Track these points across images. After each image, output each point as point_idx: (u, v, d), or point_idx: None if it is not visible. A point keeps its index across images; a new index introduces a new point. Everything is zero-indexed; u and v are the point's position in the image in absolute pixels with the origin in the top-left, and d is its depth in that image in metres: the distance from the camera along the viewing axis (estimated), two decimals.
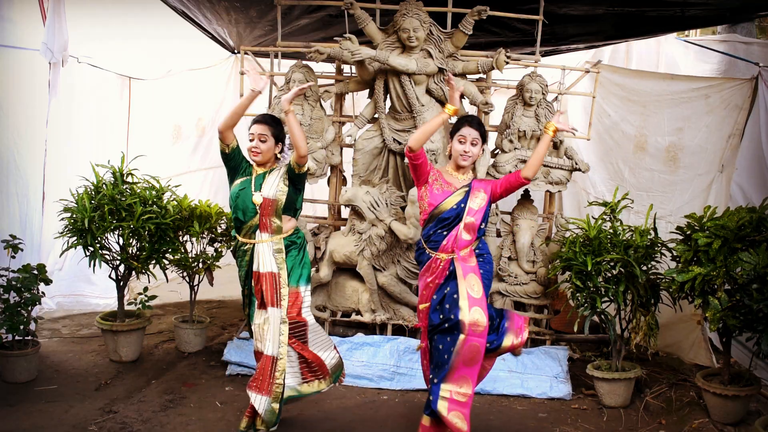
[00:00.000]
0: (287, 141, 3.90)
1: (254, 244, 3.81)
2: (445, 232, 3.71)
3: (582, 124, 5.36)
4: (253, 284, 3.83)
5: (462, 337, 3.57)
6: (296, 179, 3.82)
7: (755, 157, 5.16)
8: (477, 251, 3.76)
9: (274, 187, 3.79)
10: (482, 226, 3.75)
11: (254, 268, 3.81)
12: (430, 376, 3.75)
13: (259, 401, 3.77)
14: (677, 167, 5.53)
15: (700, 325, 4.96)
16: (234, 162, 3.86)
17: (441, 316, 3.65)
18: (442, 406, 3.61)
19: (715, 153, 5.34)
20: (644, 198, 5.47)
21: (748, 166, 5.18)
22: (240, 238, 3.87)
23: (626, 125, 5.77)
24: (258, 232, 3.81)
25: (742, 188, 5.16)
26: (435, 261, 3.72)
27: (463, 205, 3.70)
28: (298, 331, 3.83)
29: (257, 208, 3.76)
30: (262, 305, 3.80)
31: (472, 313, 3.57)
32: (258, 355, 3.86)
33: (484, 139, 3.81)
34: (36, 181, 4.86)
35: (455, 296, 3.62)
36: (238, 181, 3.85)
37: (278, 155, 3.88)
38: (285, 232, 3.83)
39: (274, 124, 3.85)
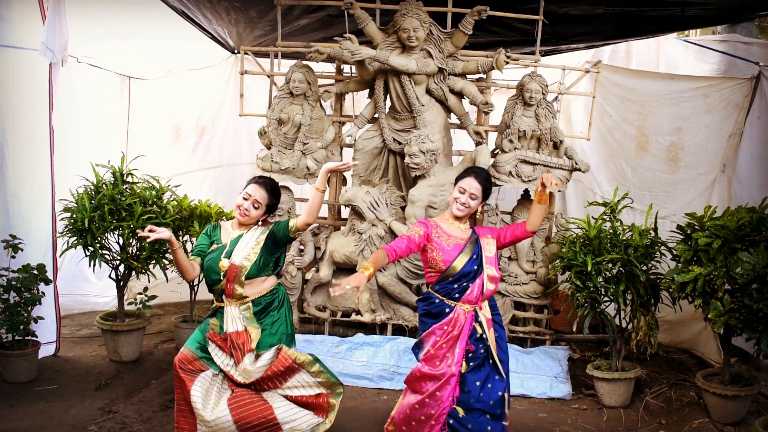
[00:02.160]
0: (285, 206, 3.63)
1: (223, 307, 3.57)
2: (467, 284, 3.47)
3: (583, 124, 5.37)
4: (218, 346, 3.55)
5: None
6: (282, 242, 3.56)
7: (756, 156, 5.16)
8: (492, 308, 3.59)
9: (244, 252, 3.51)
10: (500, 276, 3.62)
11: (224, 329, 3.54)
12: None
13: None
14: (678, 167, 5.54)
15: (709, 324, 4.98)
16: (208, 243, 3.62)
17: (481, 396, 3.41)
18: None
19: (716, 152, 5.35)
20: (647, 198, 5.48)
21: (748, 166, 5.18)
22: (215, 302, 3.65)
23: (627, 125, 5.79)
24: (224, 296, 3.56)
25: (743, 188, 5.16)
26: (456, 313, 3.47)
27: (480, 254, 3.51)
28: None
29: (221, 274, 3.50)
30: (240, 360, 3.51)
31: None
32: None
33: (486, 195, 3.59)
34: (36, 181, 4.84)
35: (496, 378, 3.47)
36: (213, 247, 3.60)
37: (259, 224, 3.63)
38: (256, 294, 3.54)
39: (274, 195, 3.60)
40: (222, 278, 3.51)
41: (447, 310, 3.48)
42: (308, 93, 4.97)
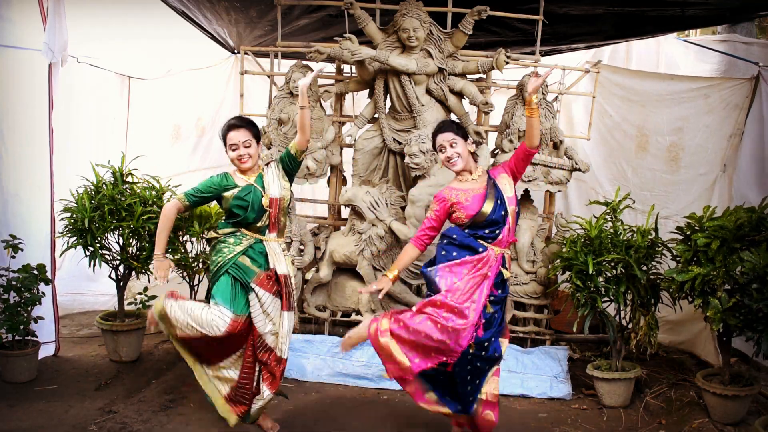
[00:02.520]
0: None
1: (266, 242, 3.74)
2: (497, 230, 3.55)
3: (584, 124, 5.37)
4: (266, 284, 3.69)
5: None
6: (293, 169, 3.79)
7: (756, 156, 5.16)
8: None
9: (278, 185, 3.73)
10: (519, 210, 3.72)
11: (271, 266, 3.70)
12: (467, 392, 3.63)
13: (267, 395, 3.76)
14: (679, 167, 5.54)
15: (708, 323, 4.98)
16: (211, 193, 3.73)
17: (486, 344, 3.55)
18: (476, 409, 3.65)
19: (716, 153, 5.35)
20: (648, 198, 5.48)
21: (749, 166, 5.18)
22: (246, 232, 3.72)
23: (627, 125, 5.79)
24: (267, 232, 3.75)
25: (744, 188, 5.17)
26: (488, 253, 3.53)
27: (503, 198, 3.57)
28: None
29: (267, 209, 3.69)
30: (287, 306, 3.72)
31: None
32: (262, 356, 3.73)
33: (464, 135, 3.65)
34: (36, 181, 4.84)
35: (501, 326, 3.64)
36: (230, 193, 3.68)
37: (261, 155, 3.81)
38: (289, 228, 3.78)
39: (251, 126, 3.73)
40: (266, 212, 3.69)
41: (480, 249, 3.53)
42: (308, 93, 4.96)
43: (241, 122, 3.73)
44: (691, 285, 3.98)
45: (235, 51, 6.52)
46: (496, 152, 5.09)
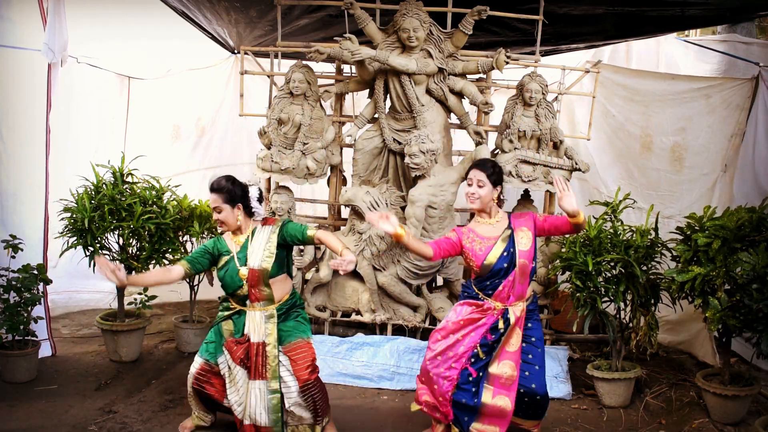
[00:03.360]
0: (254, 194, 3.68)
1: (245, 311, 3.68)
2: (499, 281, 3.58)
3: (586, 124, 5.37)
4: (233, 350, 3.67)
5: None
6: (295, 244, 3.70)
7: (757, 156, 5.17)
8: (529, 307, 3.66)
9: (260, 255, 3.60)
10: (533, 266, 3.61)
11: (245, 332, 3.65)
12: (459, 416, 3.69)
13: None
14: (682, 167, 5.55)
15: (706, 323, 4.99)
16: (208, 259, 3.70)
17: (470, 378, 3.62)
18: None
19: (718, 153, 5.35)
20: (653, 198, 5.49)
21: (749, 166, 5.19)
22: (231, 301, 3.76)
23: (631, 125, 5.79)
24: (248, 301, 3.65)
25: (745, 188, 5.17)
26: (487, 305, 3.62)
27: (512, 250, 3.56)
28: (313, 392, 3.65)
29: (244, 281, 3.60)
30: (254, 376, 3.63)
31: (495, 400, 3.59)
32: (243, 426, 3.66)
33: (494, 182, 3.61)
34: (36, 181, 4.84)
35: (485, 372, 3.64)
36: (221, 262, 3.67)
37: (243, 216, 3.65)
38: (279, 299, 3.67)
39: (222, 190, 3.60)
40: (243, 285, 3.60)
41: (481, 300, 3.65)
42: (308, 93, 4.96)
43: (212, 186, 3.64)
44: (691, 285, 3.99)
45: (235, 51, 6.51)
46: (496, 152, 5.09)
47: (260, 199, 3.74)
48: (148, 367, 4.89)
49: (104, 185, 4.77)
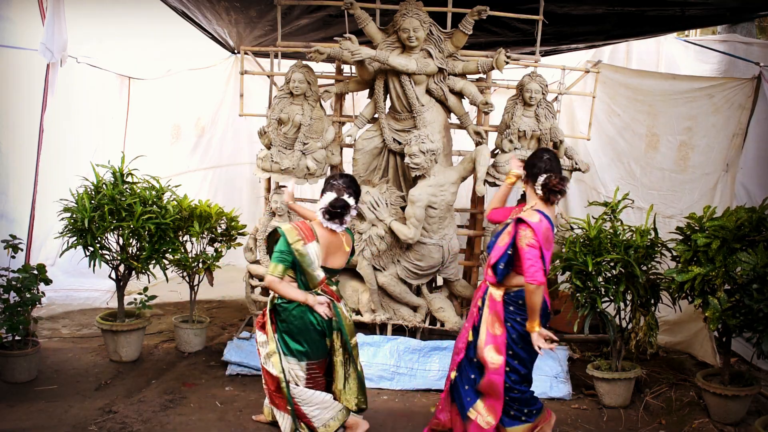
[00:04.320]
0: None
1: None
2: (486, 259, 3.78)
3: (585, 124, 5.38)
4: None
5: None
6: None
7: (758, 156, 5.17)
8: (508, 299, 3.63)
9: None
10: (500, 267, 3.56)
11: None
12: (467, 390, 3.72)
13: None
14: (687, 166, 5.55)
15: (706, 323, 4.99)
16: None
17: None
18: (470, 416, 3.67)
19: (720, 152, 5.35)
20: (654, 197, 5.49)
21: (751, 166, 5.19)
22: None
23: (637, 125, 5.78)
24: None
25: (746, 188, 5.17)
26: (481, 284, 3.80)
27: (495, 239, 3.69)
28: None
29: None
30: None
31: (487, 350, 3.59)
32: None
33: (530, 173, 3.61)
34: (26, 181, 4.84)
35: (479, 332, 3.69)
36: None
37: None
38: None
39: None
40: None
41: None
42: (308, 93, 4.96)
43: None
44: (691, 285, 3.99)
45: (235, 51, 6.51)
46: (496, 152, 5.09)
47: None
48: (148, 367, 4.89)
49: (104, 185, 4.76)
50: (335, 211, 3.66)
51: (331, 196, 3.69)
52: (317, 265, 3.67)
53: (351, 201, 3.72)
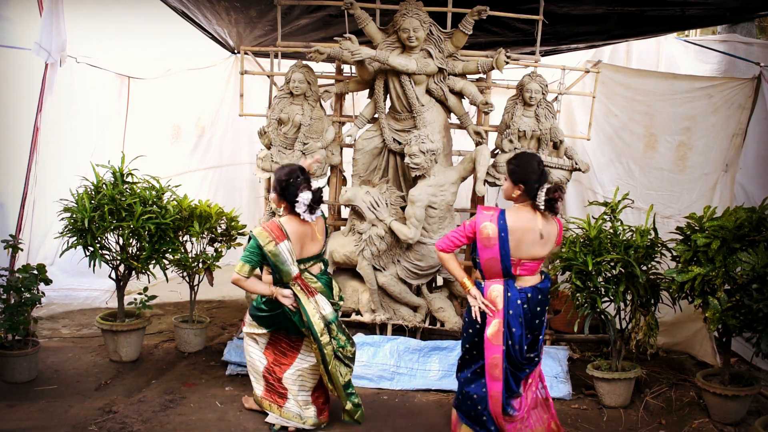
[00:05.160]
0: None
1: None
2: None
3: (585, 124, 5.38)
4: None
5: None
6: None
7: (758, 156, 5.17)
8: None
9: None
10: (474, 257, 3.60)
11: None
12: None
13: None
14: (685, 166, 5.55)
15: (706, 324, 4.99)
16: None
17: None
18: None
19: (720, 152, 5.35)
20: (653, 197, 5.49)
21: (750, 166, 5.19)
22: None
23: (635, 125, 5.78)
24: None
25: (746, 188, 5.17)
26: None
27: None
28: None
29: None
30: None
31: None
32: None
33: (512, 177, 3.54)
34: (19, 181, 4.84)
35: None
36: None
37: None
38: None
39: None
40: None
41: None
42: (308, 93, 4.96)
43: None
44: (691, 285, 3.99)
45: (235, 51, 6.51)
46: (496, 152, 5.09)
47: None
48: (148, 367, 4.89)
49: (104, 185, 4.76)
50: (319, 203, 3.85)
51: (308, 194, 3.79)
52: (291, 261, 3.81)
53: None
